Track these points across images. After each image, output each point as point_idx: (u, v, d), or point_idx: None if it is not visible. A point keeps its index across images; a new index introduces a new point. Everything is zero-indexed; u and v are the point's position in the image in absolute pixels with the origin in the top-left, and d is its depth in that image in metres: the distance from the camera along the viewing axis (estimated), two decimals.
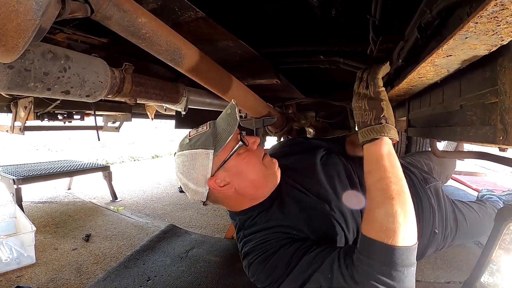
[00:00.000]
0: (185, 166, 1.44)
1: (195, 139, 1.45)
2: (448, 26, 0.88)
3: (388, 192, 1.10)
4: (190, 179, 1.45)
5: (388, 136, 1.21)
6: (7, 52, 0.70)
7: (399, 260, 1.00)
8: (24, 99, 2.49)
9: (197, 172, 1.43)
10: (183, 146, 1.47)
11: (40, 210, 3.37)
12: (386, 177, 1.14)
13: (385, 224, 1.05)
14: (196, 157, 1.42)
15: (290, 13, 1.96)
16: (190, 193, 1.50)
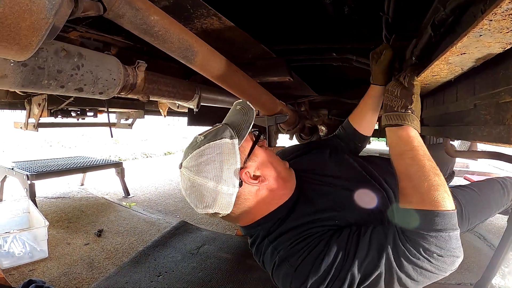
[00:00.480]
0: (209, 163, 1.21)
1: (212, 134, 1.27)
2: (462, 23, 0.87)
3: (425, 168, 1.12)
4: (217, 177, 1.21)
5: (412, 126, 1.22)
6: (21, 51, 0.70)
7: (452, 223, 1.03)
8: (38, 96, 2.52)
9: (225, 166, 1.22)
10: (198, 143, 1.25)
11: (53, 206, 3.41)
12: (419, 155, 1.15)
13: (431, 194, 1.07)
14: (221, 148, 1.23)
15: (303, 11, 1.96)
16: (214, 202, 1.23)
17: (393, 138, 1.25)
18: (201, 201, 1.23)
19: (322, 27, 2.11)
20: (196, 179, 1.21)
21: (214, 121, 2.82)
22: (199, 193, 1.22)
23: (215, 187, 1.20)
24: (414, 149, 1.17)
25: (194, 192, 1.24)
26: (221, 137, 1.24)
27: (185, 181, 1.26)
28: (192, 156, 1.23)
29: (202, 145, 1.23)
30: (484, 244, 2.56)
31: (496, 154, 1.85)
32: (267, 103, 2.30)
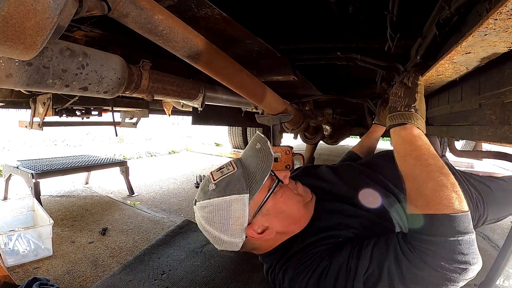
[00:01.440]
0: (215, 217, 1.26)
1: (223, 184, 1.28)
2: (467, 22, 0.87)
3: (430, 167, 1.08)
4: (224, 231, 1.27)
5: (415, 125, 1.21)
6: (25, 50, 0.70)
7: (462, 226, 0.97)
8: (43, 95, 2.53)
9: (232, 223, 1.26)
10: (209, 193, 1.28)
11: (58, 204, 3.42)
12: (424, 154, 1.12)
13: (435, 195, 1.02)
14: (229, 205, 1.25)
15: (307, 10, 1.95)
16: (221, 245, 1.34)
17: (397, 139, 1.24)
18: (212, 240, 1.34)
19: (326, 26, 2.11)
20: (206, 226, 1.30)
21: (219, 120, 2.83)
22: (209, 235, 1.33)
23: (221, 236, 1.28)
24: (418, 149, 1.15)
25: (205, 231, 1.34)
26: (231, 192, 1.24)
27: (198, 220, 1.35)
28: (203, 205, 1.29)
29: (212, 197, 1.26)
30: (488, 244, 2.55)
31: (501, 154, 1.85)
32: (271, 102, 2.29)
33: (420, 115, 1.25)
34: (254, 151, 1.38)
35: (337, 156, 8.06)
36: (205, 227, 1.31)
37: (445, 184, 1.03)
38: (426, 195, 1.05)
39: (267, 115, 2.63)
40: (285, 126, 3.06)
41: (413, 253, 0.99)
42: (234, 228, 1.26)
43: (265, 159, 1.32)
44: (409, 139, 1.19)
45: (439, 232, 0.97)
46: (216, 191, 1.26)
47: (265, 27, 2.04)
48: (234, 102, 2.66)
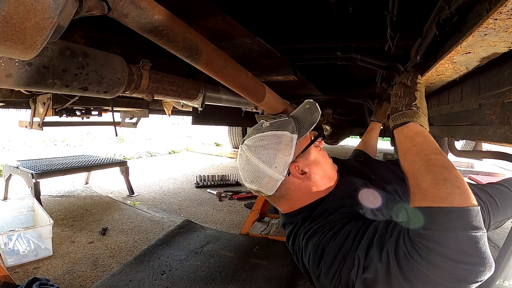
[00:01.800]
0: (266, 149, 1.37)
1: (277, 123, 1.42)
2: (467, 22, 0.87)
3: (430, 161, 1.05)
4: (270, 162, 1.36)
5: (418, 123, 1.20)
6: (25, 50, 0.70)
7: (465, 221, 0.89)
8: (43, 95, 2.53)
9: (280, 155, 1.36)
10: (261, 129, 1.42)
11: (58, 204, 3.42)
12: (424, 150, 1.10)
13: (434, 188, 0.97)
14: (280, 139, 1.37)
15: (307, 10, 1.95)
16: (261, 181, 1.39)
17: (400, 138, 1.23)
18: (250, 177, 1.41)
19: (326, 26, 2.11)
20: (252, 158, 1.38)
21: (219, 120, 2.85)
22: (251, 170, 1.40)
23: (265, 169, 1.36)
24: (418, 145, 1.13)
25: (246, 167, 1.41)
26: (284, 129, 1.39)
27: (243, 156, 1.43)
28: (254, 138, 1.40)
29: (265, 131, 1.39)
30: (488, 244, 2.55)
31: (501, 154, 1.85)
32: (271, 102, 2.30)
33: (422, 113, 1.23)
34: (303, 109, 1.53)
35: (337, 156, 8.04)
36: (250, 160, 1.38)
37: (446, 177, 0.98)
38: (424, 188, 1.02)
39: (267, 115, 2.64)
40: None
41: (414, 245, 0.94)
42: (280, 161, 1.35)
43: (313, 113, 1.47)
44: (410, 136, 1.18)
45: (435, 226, 0.91)
46: (270, 127, 1.40)
47: (265, 27, 2.04)
48: (234, 102, 2.66)
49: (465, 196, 0.93)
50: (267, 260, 2.14)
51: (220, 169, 6.08)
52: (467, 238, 0.88)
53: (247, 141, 1.43)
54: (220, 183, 4.59)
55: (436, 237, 0.90)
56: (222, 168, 6.14)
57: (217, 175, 4.67)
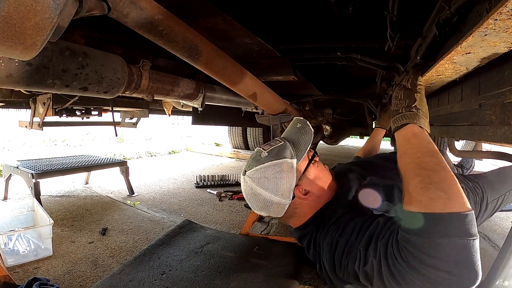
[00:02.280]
0: (269, 179, 1.48)
1: (274, 151, 1.53)
2: (467, 23, 0.87)
3: (421, 164, 1.07)
4: (275, 191, 1.48)
5: (417, 124, 1.20)
6: (25, 50, 0.71)
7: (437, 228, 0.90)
8: (43, 95, 2.53)
9: (283, 183, 1.48)
10: (262, 159, 1.52)
11: (58, 204, 3.42)
12: (418, 152, 1.12)
13: (421, 193, 0.99)
14: (281, 167, 1.48)
15: (307, 10, 1.95)
16: (269, 208, 1.53)
17: (398, 140, 1.25)
18: (259, 206, 1.55)
19: (326, 26, 2.11)
20: (257, 189, 1.50)
21: (219, 120, 2.86)
22: (258, 199, 1.53)
23: (272, 198, 1.49)
24: (413, 147, 1.15)
25: (253, 197, 1.55)
26: (283, 156, 1.50)
27: (247, 188, 1.56)
28: (256, 170, 1.51)
29: (266, 161, 1.50)
30: (488, 244, 2.55)
31: (501, 154, 1.85)
32: (271, 102, 2.30)
33: (422, 114, 1.24)
34: (295, 129, 1.65)
35: (337, 156, 8.06)
36: (256, 192, 1.51)
37: (433, 181, 0.99)
38: (410, 191, 1.04)
39: (267, 115, 2.64)
40: (285, 126, 3.06)
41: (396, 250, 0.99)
42: (284, 188, 1.48)
43: (306, 133, 1.60)
44: (407, 138, 1.19)
45: (416, 231, 0.94)
46: (269, 157, 1.51)
47: (265, 27, 2.04)
48: (234, 102, 2.66)
49: (450, 201, 0.93)
50: (267, 260, 2.13)
51: (220, 169, 6.07)
52: (449, 244, 0.87)
53: (249, 173, 1.54)
54: (220, 183, 4.59)
55: (415, 242, 0.92)
56: (222, 168, 6.14)
57: (217, 175, 4.67)
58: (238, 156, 7.56)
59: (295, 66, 2.39)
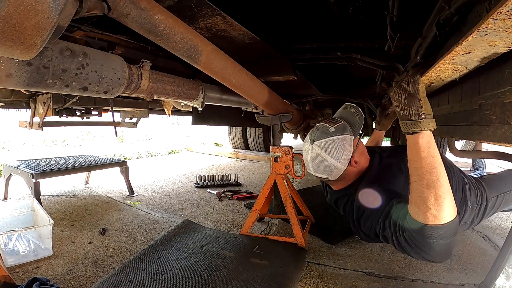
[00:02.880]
0: (336, 149, 1.91)
1: (340, 128, 1.95)
2: (467, 23, 0.87)
3: (422, 180, 1.35)
4: (339, 158, 1.92)
5: (428, 129, 1.34)
6: (26, 50, 0.71)
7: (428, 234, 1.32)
8: (43, 95, 2.52)
9: (345, 153, 1.92)
10: (329, 133, 1.93)
11: (58, 204, 3.42)
12: (422, 167, 1.36)
13: (418, 206, 1.36)
14: (344, 141, 1.92)
15: (308, 10, 1.95)
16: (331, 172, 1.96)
17: (410, 144, 1.43)
18: (323, 169, 1.97)
19: (327, 27, 2.11)
20: (325, 156, 1.92)
21: (219, 120, 2.86)
22: (324, 165, 1.95)
23: (335, 164, 1.92)
24: (420, 161, 1.37)
25: (319, 163, 1.96)
26: (346, 133, 1.94)
27: (315, 154, 1.96)
28: (325, 140, 1.92)
29: (333, 135, 1.91)
30: (488, 244, 2.55)
31: (501, 154, 1.85)
32: (271, 102, 2.30)
33: (429, 118, 1.34)
34: (349, 113, 2.10)
35: None
36: (324, 158, 1.92)
37: (428, 198, 1.32)
38: (411, 203, 1.42)
39: (267, 115, 2.64)
40: (285, 126, 3.07)
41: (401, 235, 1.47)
42: (345, 157, 1.91)
43: (358, 117, 2.06)
44: (417, 149, 1.38)
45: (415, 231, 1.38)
46: (336, 132, 1.92)
47: (266, 27, 2.04)
48: (234, 102, 2.66)
49: (440, 215, 1.31)
50: (267, 260, 2.13)
51: (220, 169, 6.08)
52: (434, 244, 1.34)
53: (318, 142, 1.94)
54: (220, 183, 4.59)
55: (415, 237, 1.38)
56: (222, 168, 6.14)
57: (217, 175, 4.67)
58: (238, 156, 7.56)
59: (295, 66, 2.39)
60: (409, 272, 2.09)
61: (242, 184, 4.70)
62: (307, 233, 2.64)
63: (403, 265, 2.18)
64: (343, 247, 2.48)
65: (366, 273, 2.07)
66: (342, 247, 2.47)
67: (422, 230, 1.34)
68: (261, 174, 5.58)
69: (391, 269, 2.12)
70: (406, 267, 2.15)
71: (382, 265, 2.19)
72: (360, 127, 2.05)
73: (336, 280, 1.98)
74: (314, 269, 2.10)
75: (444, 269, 2.14)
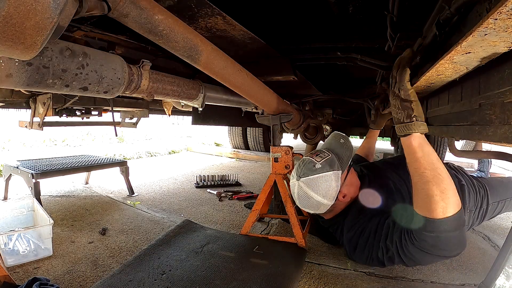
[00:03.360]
0: (321, 186, 1.99)
1: (327, 163, 2.03)
2: (467, 22, 0.87)
3: (424, 178, 1.48)
4: (325, 195, 2.00)
5: (419, 132, 1.50)
6: (26, 50, 0.71)
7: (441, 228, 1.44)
8: (43, 95, 2.52)
9: (332, 189, 2.00)
10: (315, 170, 2.01)
11: (58, 204, 3.42)
12: (421, 166, 1.50)
13: (425, 203, 1.48)
14: (331, 178, 2.00)
15: (308, 10, 1.95)
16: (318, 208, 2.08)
17: (405, 148, 1.58)
18: (310, 207, 2.09)
19: (327, 27, 2.11)
20: (310, 193, 2.01)
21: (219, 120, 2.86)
22: (310, 201, 2.05)
23: (322, 200, 2.02)
24: (418, 161, 1.52)
25: (306, 199, 2.06)
26: (333, 169, 2.01)
27: (302, 191, 2.05)
28: (311, 178, 2.00)
29: (320, 172, 2.00)
30: (488, 244, 2.55)
31: (501, 154, 1.85)
32: (271, 102, 2.30)
33: (420, 120, 1.50)
34: (338, 144, 2.20)
35: None
36: (310, 195, 2.02)
37: (434, 193, 1.44)
38: (418, 201, 1.55)
39: (267, 115, 2.64)
40: (285, 126, 3.07)
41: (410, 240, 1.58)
42: (332, 193, 2.01)
43: (348, 149, 2.16)
44: (412, 151, 1.54)
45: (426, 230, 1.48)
46: (322, 168, 2.00)
47: (266, 27, 2.04)
48: (234, 102, 2.66)
49: (447, 208, 1.43)
50: (267, 260, 2.13)
51: (220, 169, 6.08)
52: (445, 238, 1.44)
53: (303, 179, 2.03)
54: (220, 183, 4.59)
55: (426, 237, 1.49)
56: (222, 168, 6.14)
57: (217, 175, 4.67)
58: (238, 156, 7.56)
59: (295, 66, 2.39)
60: (409, 272, 2.09)
61: (242, 184, 4.70)
62: (307, 233, 2.64)
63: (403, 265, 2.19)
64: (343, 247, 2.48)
65: (366, 273, 2.06)
66: (342, 247, 2.47)
67: (434, 226, 1.44)
68: (261, 174, 5.58)
69: (391, 269, 2.12)
70: (406, 267, 2.15)
71: None
72: (349, 159, 2.13)
73: (336, 280, 1.97)
74: (314, 269, 2.10)
75: (444, 269, 2.14)
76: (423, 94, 1.84)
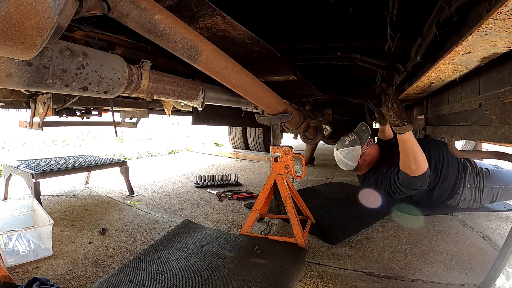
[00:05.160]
0: (349, 154, 3.38)
1: (352, 141, 3.37)
2: (467, 22, 0.87)
3: (408, 157, 2.64)
4: (351, 159, 3.39)
5: (409, 130, 2.49)
6: (25, 50, 0.71)
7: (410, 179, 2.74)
8: (43, 95, 2.53)
9: (355, 156, 3.37)
10: (346, 144, 3.39)
11: (58, 204, 3.42)
12: (407, 151, 2.63)
13: (407, 167, 2.69)
14: (354, 149, 3.36)
15: (308, 10, 1.95)
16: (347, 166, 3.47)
17: (399, 139, 2.65)
18: (342, 165, 3.50)
19: (327, 27, 2.11)
20: (342, 158, 3.45)
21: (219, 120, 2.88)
22: (342, 162, 3.49)
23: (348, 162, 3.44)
24: (405, 145, 2.62)
25: (340, 161, 3.49)
26: (355, 145, 3.35)
27: (338, 157, 3.49)
28: (343, 149, 3.41)
29: (349, 146, 3.38)
30: (488, 244, 2.55)
31: (501, 154, 1.84)
32: (271, 102, 2.30)
33: (409, 123, 2.44)
34: (361, 129, 3.47)
35: None
36: (343, 160, 3.45)
37: (411, 162, 2.65)
38: (402, 164, 2.75)
39: (267, 115, 2.64)
40: (285, 126, 3.06)
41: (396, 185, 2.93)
42: (354, 158, 3.38)
43: (367, 132, 3.42)
44: (403, 141, 2.62)
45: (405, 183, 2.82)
46: (349, 144, 3.37)
47: (266, 27, 2.04)
48: (234, 102, 2.66)
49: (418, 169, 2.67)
50: (267, 260, 2.13)
51: (220, 169, 6.08)
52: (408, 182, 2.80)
53: (339, 151, 3.45)
54: (220, 183, 4.59)
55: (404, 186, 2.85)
56: (222, 168, 6.14)
57: (217, 175, 4.67)
58: (238, 156, 7.56)
59: (295, 66, 2.39)
60: (409, 272, 2.09)
61: (242, 184, 4.70)
62: (307, 233, 2.64)
63: (403, 265, 2.18)
64: (343, 247, 2.48)
65: (366, 273, 2.06)
66: (342, 247, 2.47)
67: (409, 178, 2.74)
68: (261, 174, 5.58)
69: (391, 269, 2.12)
70: (406, 267, 2.15)
71: (382, 265, 2.19)
72: (367, 138, 3.40)
73: (336, 280, 1.97)
74: (314, 269, 2.10)
75: (444, 269, 2.14)
76: (422, 95, 1.84)
